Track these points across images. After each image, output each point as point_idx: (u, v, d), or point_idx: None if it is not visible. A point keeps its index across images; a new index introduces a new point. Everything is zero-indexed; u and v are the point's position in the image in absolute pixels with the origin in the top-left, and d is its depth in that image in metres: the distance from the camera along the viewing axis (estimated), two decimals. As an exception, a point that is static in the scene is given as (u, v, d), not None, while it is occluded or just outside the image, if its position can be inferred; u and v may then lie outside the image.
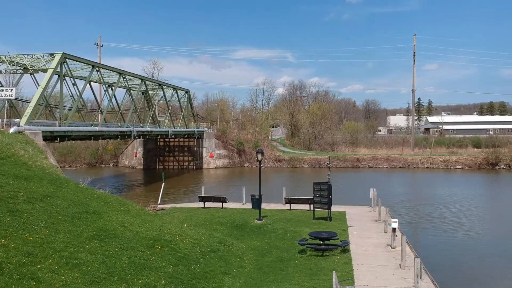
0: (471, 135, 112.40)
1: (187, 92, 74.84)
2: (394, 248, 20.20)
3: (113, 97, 52.82)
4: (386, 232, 23.21)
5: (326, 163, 70.71)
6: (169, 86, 68.90)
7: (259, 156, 26.65)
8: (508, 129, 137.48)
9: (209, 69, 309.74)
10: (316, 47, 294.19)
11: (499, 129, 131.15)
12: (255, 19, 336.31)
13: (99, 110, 55.73)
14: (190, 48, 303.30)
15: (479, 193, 46.24)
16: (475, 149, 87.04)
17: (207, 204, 31.57)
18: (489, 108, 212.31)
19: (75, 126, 43.48)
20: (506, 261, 22.67)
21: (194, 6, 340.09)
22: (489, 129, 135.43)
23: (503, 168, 69.59)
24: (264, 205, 30.27)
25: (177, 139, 74.26)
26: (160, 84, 65.96)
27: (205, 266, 16.53)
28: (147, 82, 61.46)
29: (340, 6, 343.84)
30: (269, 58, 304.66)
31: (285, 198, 31.74)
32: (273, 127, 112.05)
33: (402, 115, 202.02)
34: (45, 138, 34.24)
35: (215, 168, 73.52)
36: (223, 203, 31.41)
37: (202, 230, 22.29)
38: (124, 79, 54.05)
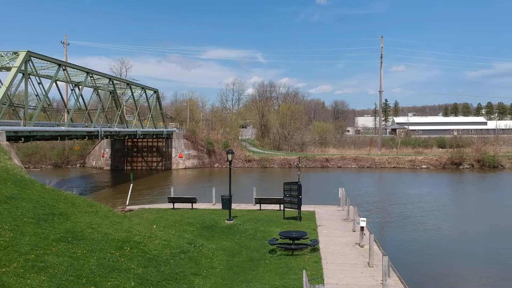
0: (436, 136, 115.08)
1: (156, 91, 74.07)
2: (363, 247, 20.52)
3: (80, 97, 51.82)
4: (354, 231, 23.56)
5: (295, 163, 71.22)
6: (137, 86, 68.05)
7: (229, 157, 26.63)
8: (471, 129, 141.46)
9: (178, 69, 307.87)
10: (286, 48, 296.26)
11: (463, 129, 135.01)
12: (226, 19, 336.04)
13: (66, 110, 54.52)
14: (160, 47, 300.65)
15: (444, 192, 47.43)
16: (440, 149, 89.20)
17: (177, 205, 31.33)
18: (453, 109, 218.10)
19: (41, 126, 42.41)
20: (470, 258, 23.34)
21: (164, 5, 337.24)
22: (453, 129, 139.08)
23: (467, 167, 71.56)
24: (234, 206, 30.23)
25: (145, 140, 73.40)
26: (128, 84, 65.08)
27: (175, 267, 16.42)
28: (115, 82, 60.55)
29: (310, 8, 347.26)
30: (239, 58, 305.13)
31: (255, 198, 31.79)
32: (243, 127, 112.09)
33: (369, 116, 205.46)
34: (8, 139, 33.28)
35: (185, 168, 73.03)
36: (193, 204, 31.23)
37: (171, 231, 22.11)
38: (92, 78, 53.09)
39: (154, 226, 21.69)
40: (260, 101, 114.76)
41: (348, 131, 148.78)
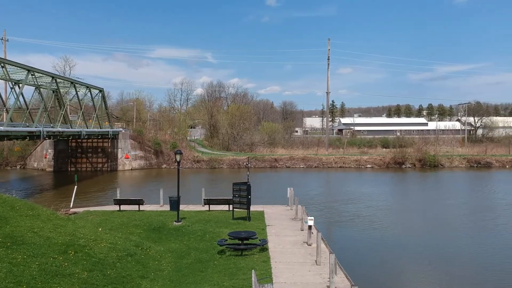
0: (380, 136, 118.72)
1: (101, 90, 72.09)
2: (310, 245, 20.86)
3: (21, 95, 49.60)
4: (302, 230, 23.90)
5: (245, 163, 71.39)
6: (82, 85, 65.95)
7: (178, 157, 26.32)
8: (413, 130, 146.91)
9: (125, 68, 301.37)
10: (236, 48, 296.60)
11: (405, 130, 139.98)
12: (175, 18, 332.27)
13: (5, 109, 52.04)
14: (106, 45, 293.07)
15: (388, 191, 49.01)
16: (384, 149, 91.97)
17: (123, 207, 30.64)
18: (396, 111, 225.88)
19: (-23, 126, 40.30)
20: (414, 254, 24.22)
21: (111, 2, 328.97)
22: (396, 130, 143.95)
23: (409, 167, 74.27)
24: (182, 207, 29.95)
25: (90, 140, 71.30)
26: (72, 82, 62.95)
27: (121, 270, 16.05)
28: (58, 80, 58.39)
29: (259, 9, 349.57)
30: (188, 57, 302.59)
31: (204, 199, 31.58)
32: (191, 127, 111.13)
33: (317, 116, 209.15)
34: None
35: (131, 169, 71.53)
36: (140, 206, 30.65)
37: (118, 233, 21.61)
38: (33, 76, 50.94)
39: (100, 229, 21.12)
40: (209, 101, 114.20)
41: (297, 131, 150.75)
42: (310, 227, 21.19)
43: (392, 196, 45.37)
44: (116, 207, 30.69)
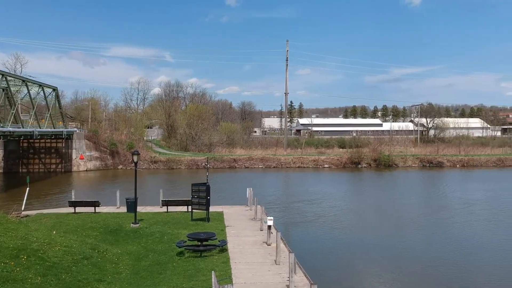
0: (337, 136, 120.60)
1: (55, 89, 69.93)
2: (270, 245, 20.95)
3: (-32, 94, 47.44)
4: (262, 230, 23.98)
5: (203, 164, 71.00)
6: (34, 83, 63.72)
7: (135, 158, 25.88)
8: (368, 131, 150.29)
9: (80, 66, 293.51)
10: (195, 48, 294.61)
11: (361, 130, 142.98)
12: (133, 16, 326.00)
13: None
14: (61, 42, 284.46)
15: (346, 191, 49.94)
16: (341, 149, 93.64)
17: (78, 209, 29.81)
18: (352, 112, 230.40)
19: None
20: (371, 252, 24.74)
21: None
22: (352, 130, 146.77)
23: (365, 166, 75.90)
24: (140, 208, 29.45)
25: (43, 140, 69.02)
26: (24, 80, 60.73)
27: (77, 274, 15.61)
28: (9, 78, 56.23)
29: (219, 9, 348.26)
30: (146, 57, 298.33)
31: (162, 200, 31.19)
32: (148, 127, 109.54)
33: (275, 117, 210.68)
34: None
35: (86, 170, 69.73)
36: (96, 208, 29.92)
37: (73, 236, 21.03)
38: (-19, 73, 48.83)
39: (54, 232, 20.49)
40: (167, 101, 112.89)
41: (255, 131, 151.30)
42: (269, 227, 21.29)
43: (350, 196, 46.23)
44: (71, 209, 29.83)
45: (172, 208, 30.35)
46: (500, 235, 28.41)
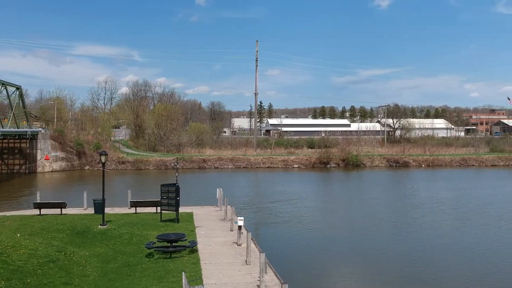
0: (306, 137, 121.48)
1: (18, 88, 68.03)
2: (240, 245, 20.94)
3: None
4: (232, 230, 23.95)
5: (172, 164, 70.33)
6: (-4, 82, 61.87)
7: (103, 158, 25.45)
8: (337, 131, 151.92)
9: (46, 65, 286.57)
10: (163, 47, 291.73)
11: (330, 131, 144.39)
12: (100, 14, 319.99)
13: None
14: (25, 40, 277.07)
15: (315, 190, 50.42)
16: (310, 149, 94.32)
17: (44, 211, 29.05)
18: (321, 112, 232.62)
19: None
20: (343, 252, 25.04)
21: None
22: (321, 131, 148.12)
23: (333, 166, 76.77)
24: (108, 210, 28.94)
25: (6, 140, 67.02)
26: (-15, 79, 58.90)
27: (43, 277, 15.23)
28: (-30, 76, 54.41)
29: (189, 8, 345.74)
30: (114, 55, 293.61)
31: (130, 201, 30.74)
32: (116, 127, 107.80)
33: (245, 117, 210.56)
34: None
35: (51, 171, 68.10)
36: (62, 209, 29.24)
37: (38, 239, 20.50)
38: None
39: (18, 235, 19.94)
40: (135, 101, 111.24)
41: (225, 132, 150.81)
42: (240, 227, 21.27)
43: (320, 196, 46.68)
44: (36, 211, 29.05)
45: (141, 209, 29.97)
46: (469, 234, 29.09)
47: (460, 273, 21.27)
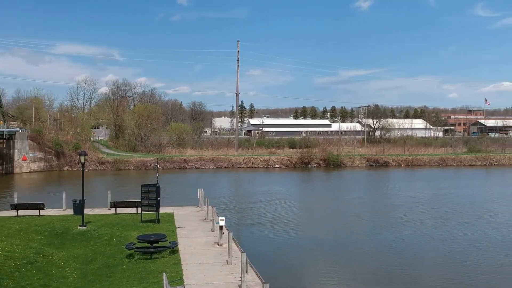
0: (287, 137, 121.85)
1: (-5, 88, 66.79)
2: (221, 246, 20.90)
3: None
4: (213, 231, 23.89)
5: (153, 165, 69.87)
6: (-28, 81, 60.66)
7: (82, 159, 25.15)
8: (318, 131, 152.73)
9: (24, 64, 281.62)
10: (144, 47, 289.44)
11: (311, 131, 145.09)
12: (80, 13, 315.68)
13: None
14: (3, 39, 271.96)
15: (296, 190, 50.59)
16: (291, 149, 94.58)
17: (21, 212, 28.55)
18: (302, 112, 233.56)
19: None
20: (321, 251, 25.20)
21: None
22: (302, 131, 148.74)
23: (314, 166, 77.18)
24: (87, 211, 28.61)
25: (-18, 141, 65.74)
26: (-40, 78, 57.64)
27: (20, 280, 14.98)
28: None
29: (170, 7, 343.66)
30: (93, 55, 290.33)
31: (110, 202, 30.43)
32: (95, 127, 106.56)
33: (226, 117, 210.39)
34: None
35: (29, 172, 66.98)
36: (40, 210, 28.76)
37: (16, 241, 20.17)
38: None
39: (-5, 237, 19.56)
40: (115, 101, 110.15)
41: (206, 132, 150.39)
42: (221, 227, 21.24)
43: (301, 196, 46.85)
44: (13, 213, 28.55)
45: (121, 210, 29.70)
46: (449, 234, 29.41)
47: (440, 272, 21.58)
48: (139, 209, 27.88)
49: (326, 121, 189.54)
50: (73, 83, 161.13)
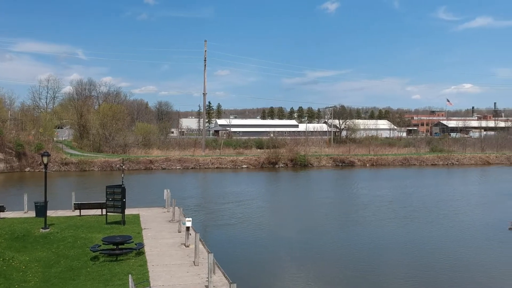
0: (255, 137, 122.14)
1: (-48, 86, 64.36)
2: (188, 246, 20.79)
3: None
4: (180, 232, 23.74)
5: (118, 165, 68.87)
6: None
7: (45, 159, 24.55)
8: (285, 131, 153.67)
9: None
10: (110, 45, 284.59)
11: (278, 131, 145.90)
12: (43, 10, 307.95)
13: None
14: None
15: (264, 190, 50.71)
16: (258, 150, 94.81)
17: (-20, 215, 27.65)
18: (270, 113, 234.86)
19: None
20: (289, 251, 25.34)
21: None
22: (270, 131, 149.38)
23: (282, 166, 77.59)
24: (50, 213, 27.91)
25: None
26: None
27: (-21, 285, 14.48)
28: None
29: (137, 6, 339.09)
30: (57, 53, 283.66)
31: (74, 203, 29.82)
32: (58, 128, 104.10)
33: (193, 117, 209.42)
34: None
35: (-11, 173, 64.86)
36: (0, 213, 27.91)
37: (-26, 244, 19.47)
38: None
39: (-49, 241, 18.85)
40: (79, 100, 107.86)
41: (173, 132, 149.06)
42: (188, 228, 21.11)
43: (269, 196, 47.02)
44: (-29, 216, 27.61)
45: (85, 212, 29.14)
46: (416, 232, 29.93)
47: (405, 269, 22.03)
48: (104, 210, 27.45)
49: (293, 122, 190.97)
50: (35, 82, 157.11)
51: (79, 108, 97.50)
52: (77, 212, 29.16)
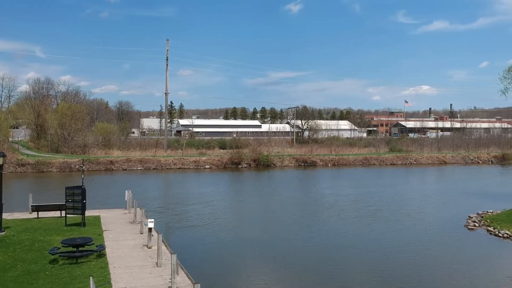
0: (217, 137, 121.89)
1: None
2: (151, 248, 20.57)
3: None
4: (142, 233, 23.45)
5: (77, 166, 67.35)
6: None
7: (0, 160, 23.76)
8: (248, 132, 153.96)
9: None
10: (69, 44, 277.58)
11: (241, 132, 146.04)
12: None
13: None
14: None
15: (227, 190, 50.67)
16: (221, 150, 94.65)
17: None
18: (233, 113, 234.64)
19: None
20: (256, 252, 25.41)
21: None
22: (233, 132, 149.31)
23: (245, 166, 77.71)
24: (5, 215, 26.97)
25: None
26: None
27: None
28: None
29: (98, 4, 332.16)
30: (13, 50, 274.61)
31: (31, 205, 28.94)
32: (14, 128, 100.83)
33: (155, 117, 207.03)
34: None
35: None
36: (-47, 216, 26.79)
37: None
38: None
39: None
40: (36, 100, 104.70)
41: (134, 132, 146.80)
42: (150, 229, 20.89)
43: (232, 196, 46.99)
44: None
45: (43, 214, 28.33)
46: (381, 231, 30.50)
47: (370, 268, 22.46)
48: (63, 212, 26.78)
49: (256, 122, 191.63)
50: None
51: (36, 107, 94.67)
52: (34, 215, 28.32)
